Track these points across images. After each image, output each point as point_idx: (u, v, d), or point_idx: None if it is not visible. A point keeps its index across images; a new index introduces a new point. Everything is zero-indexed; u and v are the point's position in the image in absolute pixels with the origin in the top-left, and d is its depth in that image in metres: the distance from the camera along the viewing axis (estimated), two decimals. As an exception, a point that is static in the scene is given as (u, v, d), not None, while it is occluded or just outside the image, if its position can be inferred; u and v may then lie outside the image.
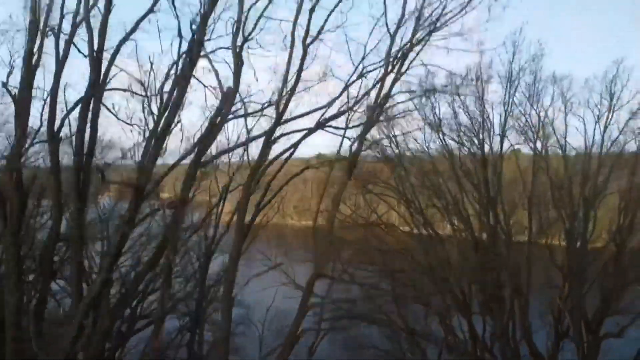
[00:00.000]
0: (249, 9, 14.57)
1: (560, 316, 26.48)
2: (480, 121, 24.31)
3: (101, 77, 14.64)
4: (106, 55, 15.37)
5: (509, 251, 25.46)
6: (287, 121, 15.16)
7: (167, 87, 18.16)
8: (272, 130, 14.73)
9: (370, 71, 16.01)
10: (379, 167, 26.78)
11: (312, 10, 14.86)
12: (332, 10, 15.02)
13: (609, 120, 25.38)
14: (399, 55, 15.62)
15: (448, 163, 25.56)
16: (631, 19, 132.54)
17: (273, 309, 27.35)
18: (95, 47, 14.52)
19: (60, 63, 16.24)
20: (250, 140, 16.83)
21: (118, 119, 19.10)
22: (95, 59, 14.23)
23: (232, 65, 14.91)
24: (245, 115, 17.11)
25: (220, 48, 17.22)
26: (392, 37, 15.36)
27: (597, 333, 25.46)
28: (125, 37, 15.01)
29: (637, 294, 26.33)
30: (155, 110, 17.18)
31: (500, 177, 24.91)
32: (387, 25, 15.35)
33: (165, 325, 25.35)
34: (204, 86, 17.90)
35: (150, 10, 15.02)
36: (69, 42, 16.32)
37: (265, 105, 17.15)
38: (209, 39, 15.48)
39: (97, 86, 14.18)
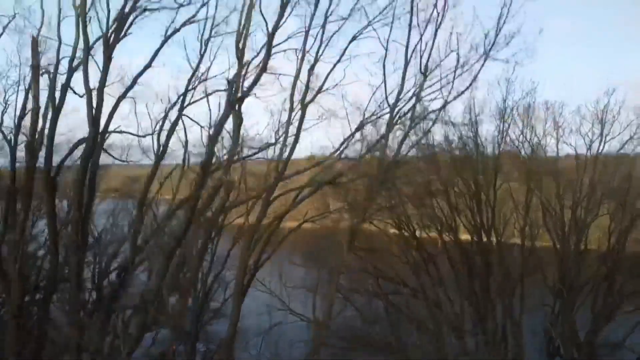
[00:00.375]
0: (249, 64, 14.52)
1: (552, 335, 26.88)
2: (474, 154, 24.47)
3: (99, 134, 14.60)
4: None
5: (502, 274, 25.71)
6: (286, 178, 15.24)
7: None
8: (271, 189, 14.79)
9: (369, 122, 16.08)
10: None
11: (310, 70, 14.87)
12: (331, 70, 15.08)
13: (600, 149, 25.69)
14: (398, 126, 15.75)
15: (441, 189, 25.61)
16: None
17: (266, 322, 27.43)
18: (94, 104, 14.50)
19: (57, 108, 16.22)
20: (250, 198, 16.93)
21: (114, 157, 19.35)
22: (94, 118, 14.17)
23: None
24: (243, 158, 17.16)
25: (217, 91, 17.40)
26: (392, 110, 15.43)
27: (590, 355, 25.85)
28: (124, 93, 15.09)
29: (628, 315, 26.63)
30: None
31: (494, 208, 25.07)
32: (386, 96, 15.42)
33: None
34: (200, 127, 18.11)
35: (148, 65, 15.05)
36: (66, 86, 16.30)
37: (263, 147, 17.25)
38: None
39: (96, 145, 14.15)
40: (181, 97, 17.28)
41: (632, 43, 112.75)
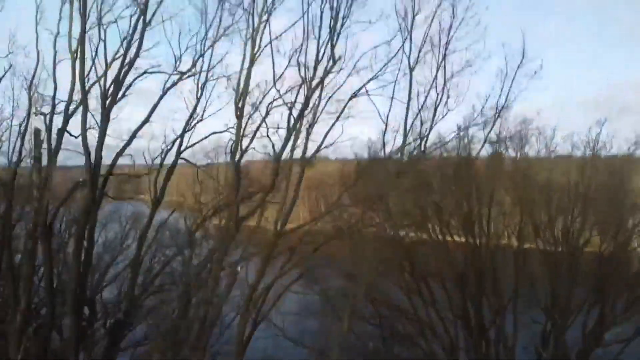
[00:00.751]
0: (247, 121, 14.52)
1: (542, 355, 27.23)
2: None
3: (97, 192, 14.56)
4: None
5: (495, 293, 26.03)
6: (286, 233, 15.30)
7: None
8: (271, 247, 14.87)
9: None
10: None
11: (309, 128, 14.87)
12: (330, 129, 15.08)
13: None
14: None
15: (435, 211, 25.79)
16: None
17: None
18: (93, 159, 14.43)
19: (54, 153, 16.15)
20: (249, 255, 16.98)
21: (110, 197, 19.32)
22: (92, 177, 14.12)
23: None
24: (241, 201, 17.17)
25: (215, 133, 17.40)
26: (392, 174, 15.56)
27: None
28: (122, 150, 15.00)
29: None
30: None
31: (488, 232, 25.30)
32: (386, 160, 15.46)
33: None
34: (197, 167, 18.12)
35: (146, 120, 15.00)
36: (62, 131, 16.20)
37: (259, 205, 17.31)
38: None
39: (94, 204, 14.13)
40: (178, 139, 17.22)
41: (634, 42, 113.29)
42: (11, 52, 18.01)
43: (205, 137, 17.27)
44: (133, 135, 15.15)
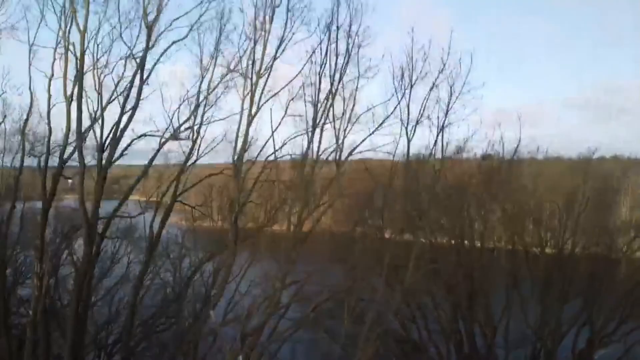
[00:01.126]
0: (247, 172, 14.55)
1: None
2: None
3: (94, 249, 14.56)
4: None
5: (486, 315, 26.36)
6: (286, 286, 15.38)
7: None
8: (267, 317, 14.94)
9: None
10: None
11: (308, 184, 14.87)
12: (328, 186, 15.07)
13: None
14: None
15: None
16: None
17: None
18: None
19: (48, 200, 16.10)
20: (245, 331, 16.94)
21: (109, 237, 19.32)
22: (88, 234, 14.10)
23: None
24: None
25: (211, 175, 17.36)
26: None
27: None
28: (118, 207, 15.00)
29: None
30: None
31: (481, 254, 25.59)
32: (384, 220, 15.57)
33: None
34: (191, 208, 18.14)
35: (142, 176, 14.96)
36: (58, 175, 16.11)
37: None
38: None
39: (91, 262, 14.14)
40: (174, 183, 17.13)
41: (634, 43, 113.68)
42: (4, 92, 17.90)
43: (201, 181, 17.26)
44: (129, 192, 15.11)
